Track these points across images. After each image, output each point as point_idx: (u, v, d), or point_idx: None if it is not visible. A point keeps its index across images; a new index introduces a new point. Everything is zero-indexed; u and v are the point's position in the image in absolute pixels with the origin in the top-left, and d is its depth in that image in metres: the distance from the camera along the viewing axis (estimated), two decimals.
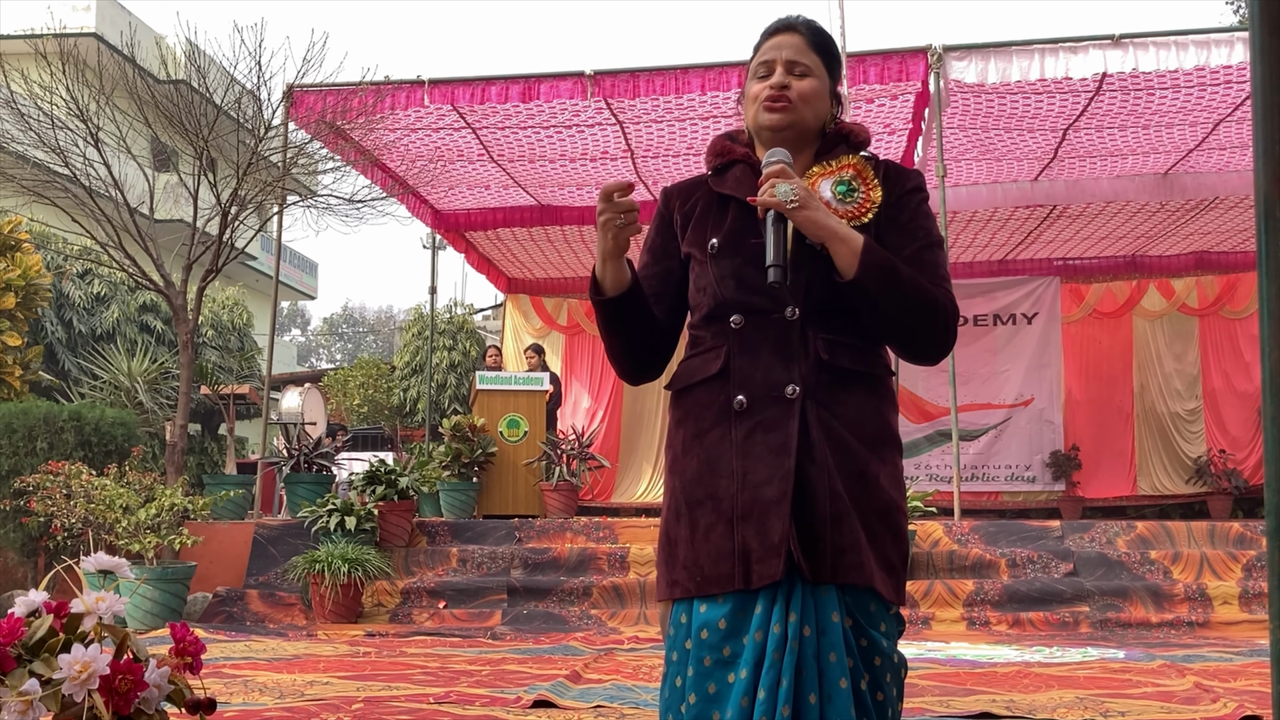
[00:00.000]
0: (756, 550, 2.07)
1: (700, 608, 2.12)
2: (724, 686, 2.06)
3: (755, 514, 2.09)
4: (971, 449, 14.54)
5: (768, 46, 2.32)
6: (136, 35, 11.09)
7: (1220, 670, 6.02)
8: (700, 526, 2.14)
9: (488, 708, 4.77)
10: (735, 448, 2.14)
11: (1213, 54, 9.62)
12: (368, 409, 19.19)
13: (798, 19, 2.34)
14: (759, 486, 2.10)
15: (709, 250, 2.25)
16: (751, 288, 2.17)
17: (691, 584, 2.14)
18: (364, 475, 10.17)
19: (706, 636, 2.09)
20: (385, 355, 36.81)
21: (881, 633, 2.10)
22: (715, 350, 2.21)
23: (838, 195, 2.21)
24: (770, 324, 2.17)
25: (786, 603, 2.05)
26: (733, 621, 2.08)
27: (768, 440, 2.12)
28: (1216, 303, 14.88)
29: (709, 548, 2.12)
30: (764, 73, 2.30)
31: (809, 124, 2.28)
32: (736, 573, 2.08)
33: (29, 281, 11.15)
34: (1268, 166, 1.03)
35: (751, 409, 2.14)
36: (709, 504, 2.15)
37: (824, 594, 2.06)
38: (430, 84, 10.76)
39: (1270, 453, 1.02)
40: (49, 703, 1.82)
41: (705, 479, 2.16)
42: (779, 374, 2.14)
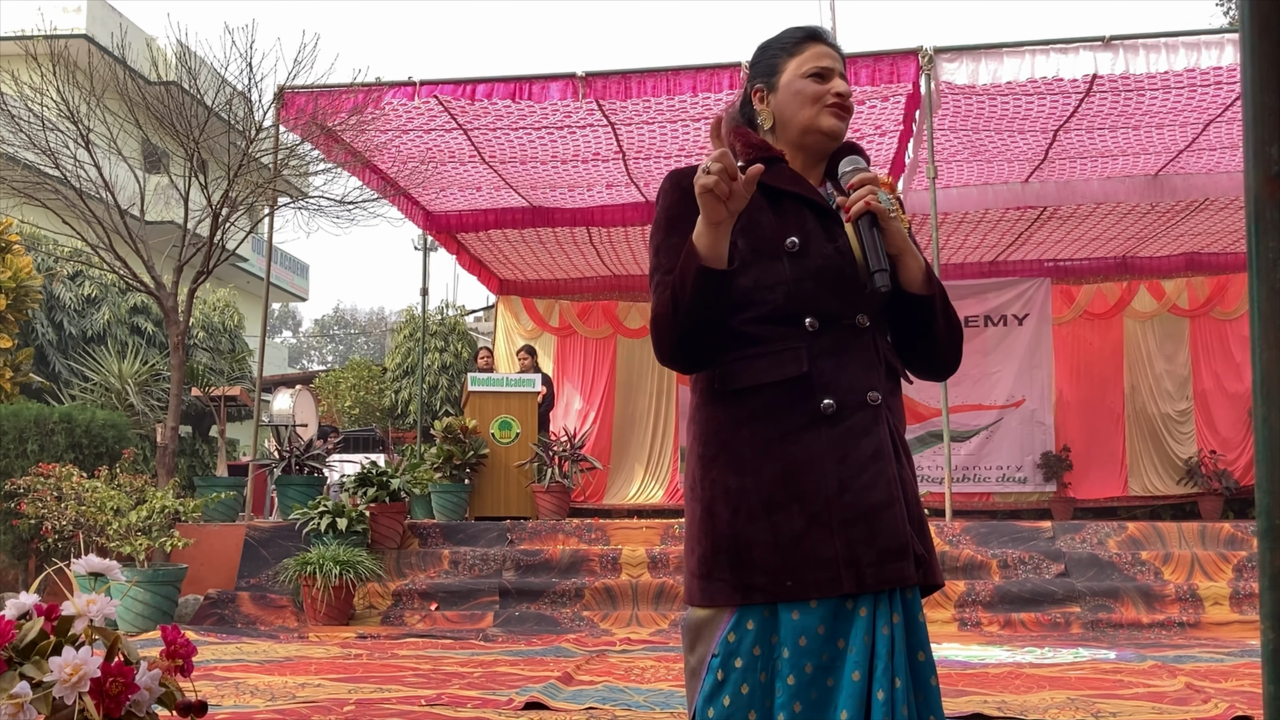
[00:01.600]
0: (867, 555, 2.05)
1: (792, 614, 2.07)
2: (824, 692, 2.04)
3: (861, 519, 2.07)
4: (963, 450, 14.56)
5: (819, 52, 2.30)
6: (127, 36, 11.05)
7: (1211, 671, 6.04)
8: (784, 530, 2.09)
9: (480, 710, 4.76)
10: (828, 453, 2.11)
11: (1203, 55, 9.65)
12: (359, 411, 19.16)
13: (830, 35, 2.36)
14: (862, 491, 2.08)
15: (787, 247, 2.18)
16: (832, 290, 2.16)
17: (779, 589, 2.08)
18: (355, 477, 10.17)
19: (805, 643, 2.05)
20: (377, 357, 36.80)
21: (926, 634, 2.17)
22: (791, 351, 2.15)
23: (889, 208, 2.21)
24: (846, 330, 2.17)
25: (890, 605, 2.06)
26: (830, 626, 2.06)
27: (862, 445, 2.11)
28: (1207, 304, 14.92)
29: (802, 552, 2.08)
30: (820, 75, 2.28)
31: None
32: (844, 577, 2.04)
33: (19, 283, 11.12)
34: (1258, 167, 1.03)
35: (842, 414, 2.13)
36: (794, 507, 2.10)
37: (910, 595, 2.10)
38: (421, 85, 10.75)
39: (1261, 454, 1.03)
40: (40, 705, 1.81)
41: (789, 482, 2.11)
42: (862, 380, 2.15)
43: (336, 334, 61.67)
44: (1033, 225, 13.87)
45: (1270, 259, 1.02)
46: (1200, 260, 14.98)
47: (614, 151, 12.01)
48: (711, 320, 2.11)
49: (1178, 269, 15.13)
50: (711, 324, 2.12)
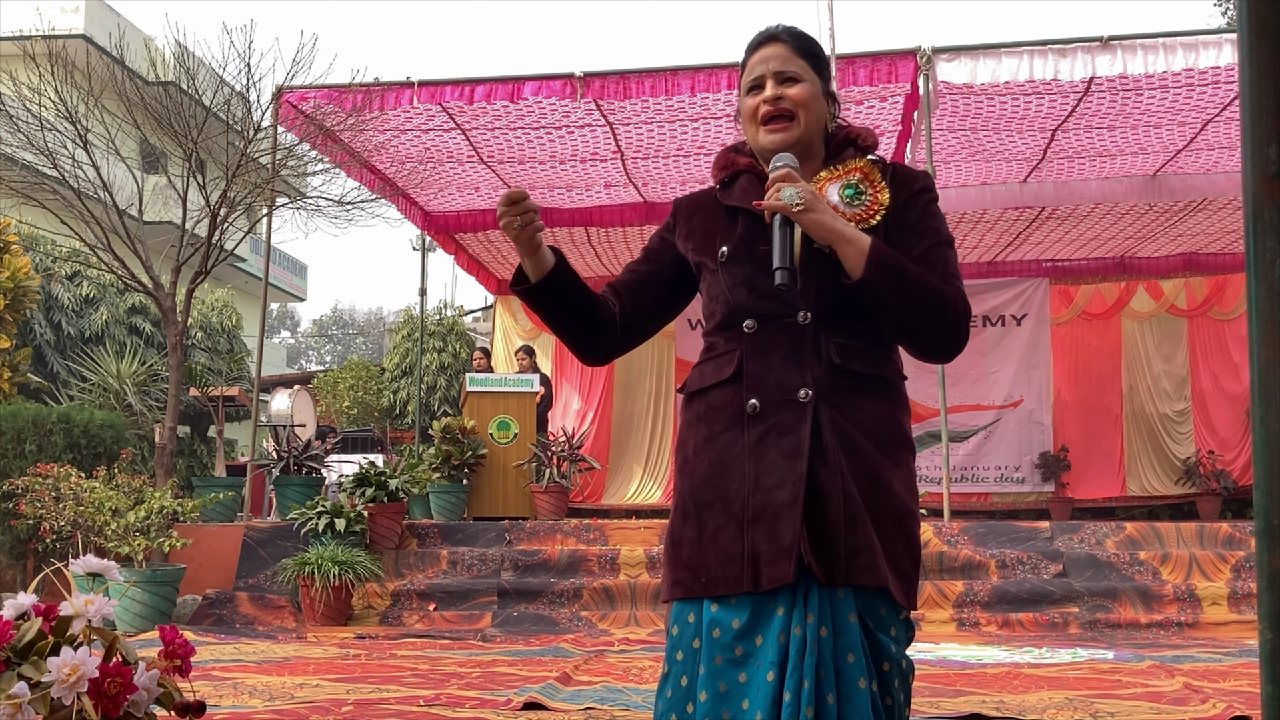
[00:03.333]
0: (766, 553, 2.08)
1: (711, 607, 2.13)
2: (735, 686, 2.07)
3: (766, 517, 2.10)
4: (961, 450, 14.56)
5: (754, 62, 2.33)
6: (125, 37, 11.05)
7: (1209, 671, 6.04)
8: (708, 528, 2.16)
9: (478, 710, 4.76)
10: (747, 451, 2.15)
11: (1201, 55, 9.65)
12: (357, 411, 19.16)
13: (779, 29, 2.35)
14: (771, 490, 2.11)
15: (719, 258, 2.26)
16: (763, 293, 2.18)
17: (696, 584, 2.15)
18: (354, 477, 10.16)
19: (719, 636, 2.10)
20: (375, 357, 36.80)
21: (891, 637, 2.11)
22: (729, 355, 2.23)
23: (845, 199, 2.22)
24: (783, 329, 2.18)
25: (805, 605, 2.06)
26: (747, 623, 2.09)
27: (780, 444, 2.13)
28: (1205, 304, 14.93)
29: (716, 549, 2.13)
30: (756, 86, 2.30)
31: (812, 133, 2.30)
32: (745, 575, 2.09)
33: (17, 284, 11.11)
34: (1256, 168, 1.03)
35: (764, 413, 2.15)
36: (718, 506, 2.16)
37: (839, 596, 2.08)
38: (419, 85, 10.75)
39: (1259, 454, 1.03)
40: (38, 706, 1.81)
41: (715, 481, 2.18)
42: (792, 378, 2.15)
43: (335, 334, 61.66)
44: (1031, 225, 13.88)
45: (1268, 259, 1.02)
46: (1198, 260, 14.98)
47: (612, 151, 12.01)
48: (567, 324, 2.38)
49: (1176, 269, 15.13)
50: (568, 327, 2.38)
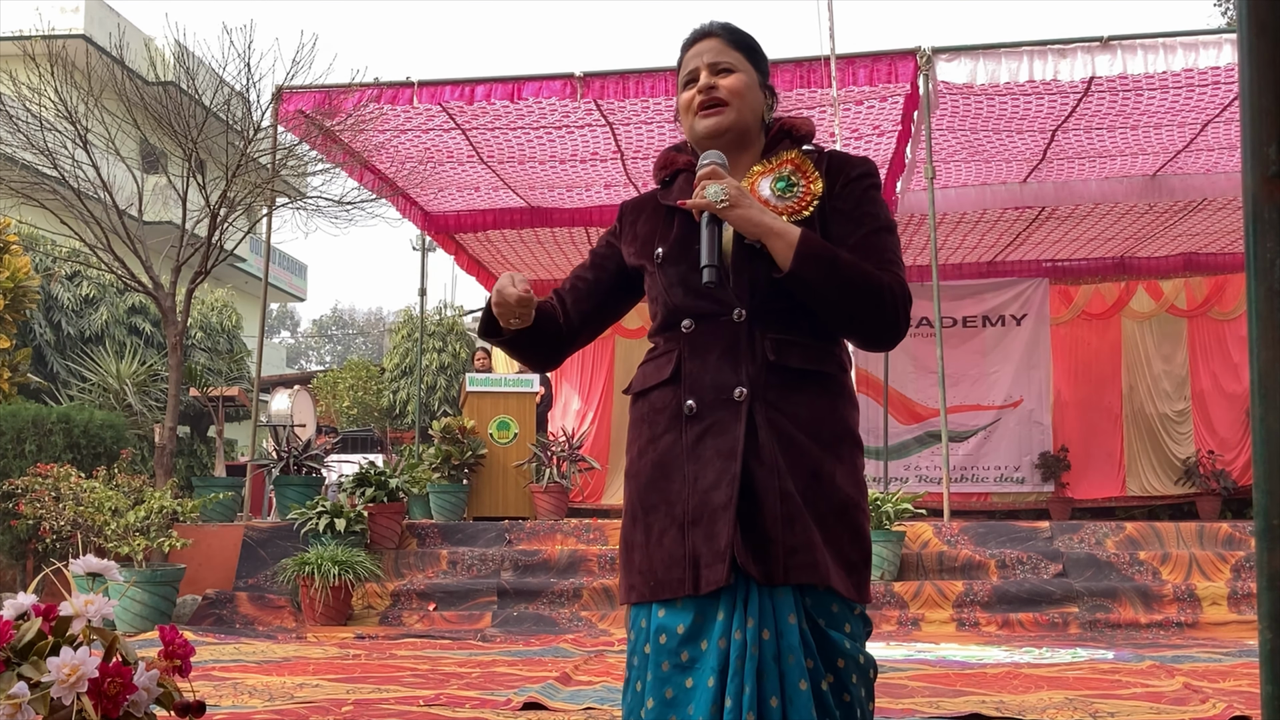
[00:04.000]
0: (705, 555, 2.07)
1: (659, 612, 2.13)
2: (682, 692, 2.06)
3: (704, 519, 2.09)
4: (961, 450, 14.57)
5: (688, 57, 2.34)
6: (125, 37, 11.04)
7: (1209, 671, 6.04)
8: (654, 531, 2.15)
9: (478, 710, 4.76)
10: (686, 452, 2.15)
11: (1200, 56, 9.65)
12: (357, 411, 19.17)
13: (712, 24, 2.36)
14: (708, 491, 2.10)
15: (655, 259, 2.27)
16: (699, 292, 2.18)
17: (646, 589, 2.15)
18: (354, 477, 10.16)
19: (665, 641, 2.10)
20: (375, 357, 36.79)
21: (845, 633, 2.09)
22: (668, 355, 2.23)
23: (777, 192, 2.21)
24: (719, 327, 2.17)
25: (745, 608, 2.05)
26: (692, 627, 2.08)
27: (717, 444, 2.12)
28: (1205, 304, 14.93)
29: (662, 553, 2.13)
30: (690, 80, 2.31)
31: (747, 121, 2.29)
32: (687, 577, 2.08)
33: (17, 284, 11.11)
34: (1256, 168, 1.03)
35: (701, 413, 2.15)
36: (662, 509, 2.16)
37: (780, 596, 2.05)
38: (419, 85, 10.75)
39: (1259, 454, 1.03)
40: (37, 706, 1.81)
41: (659, 484, 2.17)
42: (727, 377, 2.14)
43: (334, 334, 61.67)
44: (1031, 225, 13.88)
45: (1268, 259, 1.02)
46: (1198, 261, 14.98)
47: (612, 151, 12.01)
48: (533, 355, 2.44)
49: (1176, 269, 15.13)
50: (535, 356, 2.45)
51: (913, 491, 10.67)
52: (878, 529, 8.98)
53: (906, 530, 9.42)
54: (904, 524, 9.34)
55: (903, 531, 9.29)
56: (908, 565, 9.29)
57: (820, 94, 10.50)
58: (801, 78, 10.21)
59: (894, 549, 9.07)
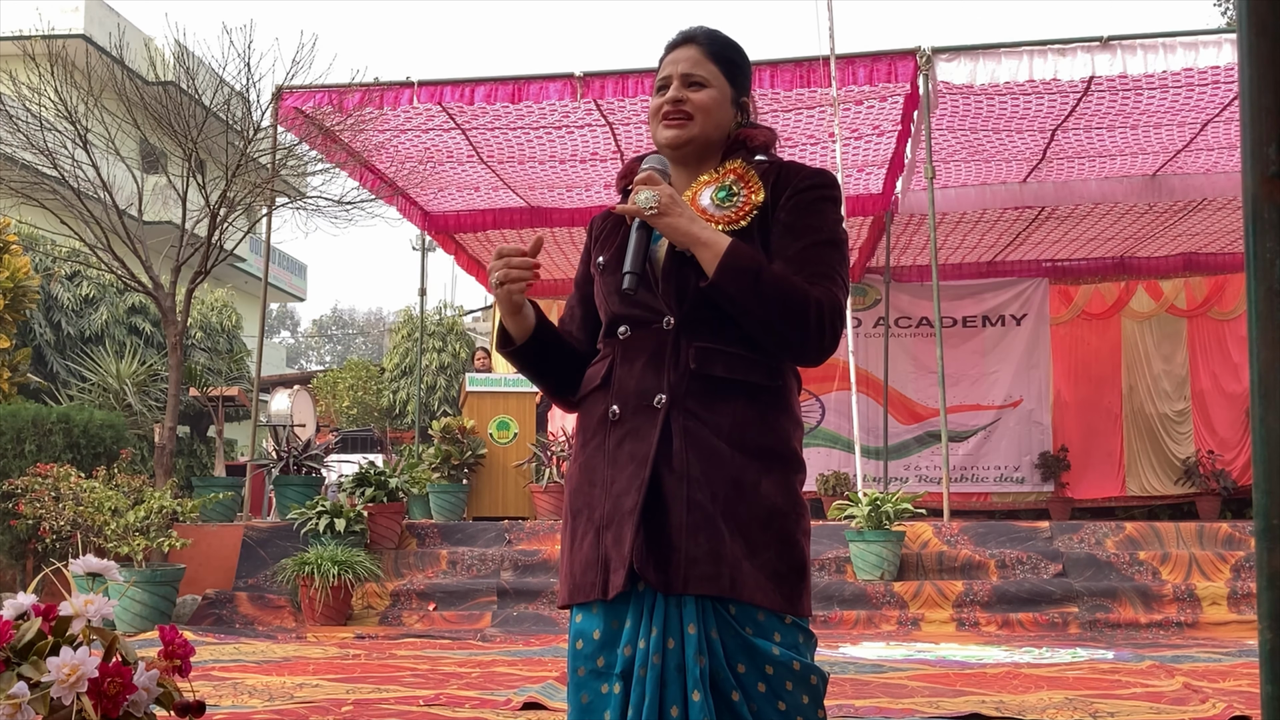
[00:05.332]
0: (614, 560, 2.07)
1: (577, 617, 2.14)
2: (597, 697, 2.07)
3: (615, 523, 2.09)
4: (960, 450, 14.57)
5: (666, 62, 2.32)
6: (125, 37, 11.04)
7: (1209, 671, 6.04)
8: (577, 535, 2.17)
9: (478, 710, 4.76)
10: (607, 457, 2.15)
11: (1200, 55, 9.65)
12: (357, 411, 19.17)
13: (698, 31, 2.33)
14: (620, 496, 2.10)
15: (597, 267, 2.30)
16: (633, 300, 2.18)
17: (565, 592, 2.17)
18: (353, 477, 10.16)
19: (581, 647, 2.11)
20: (374, 357, 36.78)
21: (774, 641, 2.06)
22: (604, 361, 2.24)
23: (716, 201, 2.20)
24: (649, 334, 2.17)
25: (651, 615, 2.05)
26: (605, 633, 2.09)
27: (632, 449, 2.12)
28: (1205, 304, 14.93)
29: (580, 557, 2.14)
30: (662, 87, 2.30)
31: (710, 136, 2.27)
32: (598, 581, 2.08)
33: (17, 284, 11.11)
34: (1255, 167, 1.03)
35: (623, 418, 2.15)
36: (585, 513, 2.16)
37: (684, 605, 2.04)
38: (419, 85, 10.75)
39: (1259, 454, 1.03)
40: (37, 706, 1.81)
41: (584, 488, 2.19)
42: (650, 383, 2.14)
43: (334, 334, 61.67)
44: (1030, 225, 13.88)
45: (1268, 259, 1.02)
46: (1198, 260, 14.98)
47: (612, 151, 12.02)
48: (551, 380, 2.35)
49: (1175, 269, 15.14)
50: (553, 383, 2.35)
51: (913, 491, 10.67)
52: (877, 529, 8.98)
53: (906, 530, 9.42)
54: (904, 524, 9.34)
55: (903, 531, 9.29)
56: (908, 565, 9.29)
57: (820, 94, 10.50)
58: (801, 78, 10.21)
59: (894, 549, 9.06)
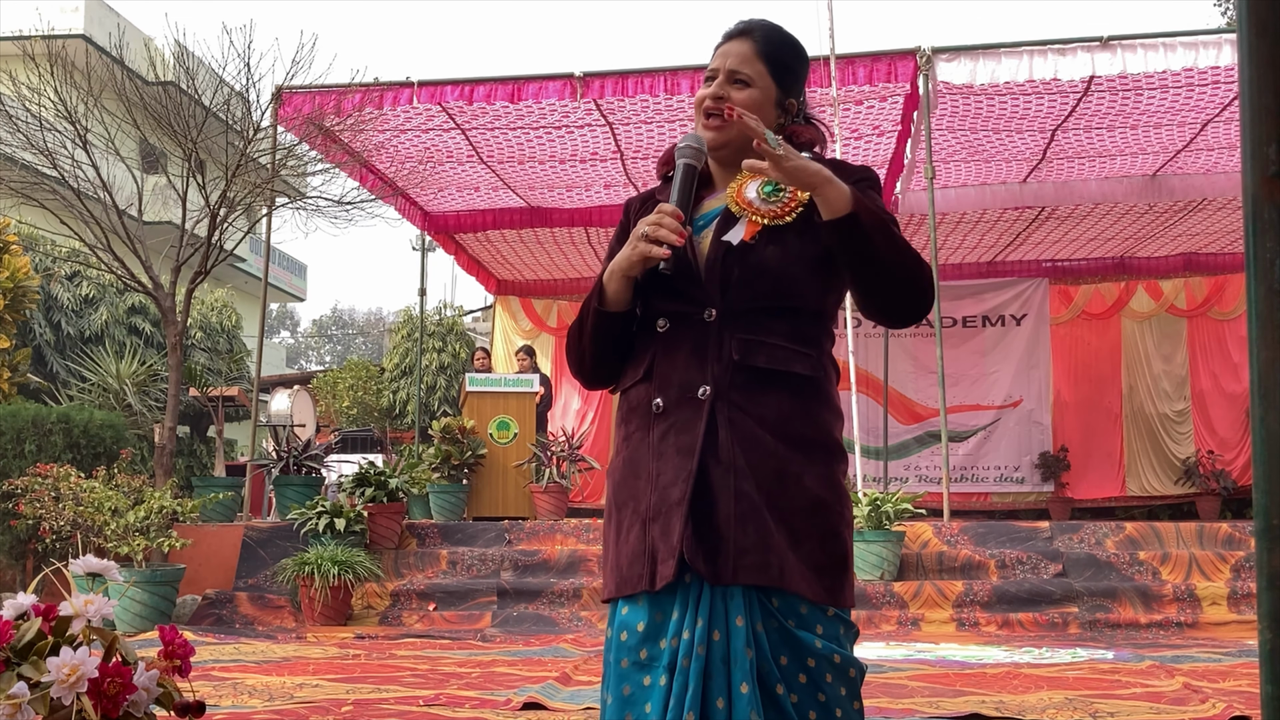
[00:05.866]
0: (661, 551, 2.07)
1: (622, 609, 2.13)
2: (640, 689, 2.07)
3: (662, 515, 2.09)
4: (960, 450, 14.57)
5: (718, 53, 2.33)
6: (125, 37, 11.04)
7: (1209, 671, 6.04)
8: (623, 528, 2.17)
9: (478, 710, 4.76)
10: (652, 449, 2.15)
11: (1200, 55, 9.65)
12: (357, 411, 19.16)
13: (755, 24, 2.33)
14: (666, 488, 2.10)
15: None
16: (674, 292, 2.18)
17: (612, 584, 2.16)
18: (353, 477, 10.16)
19: (626, 638, 2.10)
20: (374, 357, 36.76)
21: (817, 634, 2.07)
22: (645, 354, 2.23)
23: (763, 195, 2.20)
24: (690, 326, 2.17)
25: (697, 606, 2.05)
26: (650, 625, 2.08)
27: (678, 442, 2.12)
28: (1205, 304, 14.93)
29: (627, 549, 2.14)
30: (710, 77, 2.31)
31: (748, 137, 2.24)
32: (645, 573, 2.08)
33: (17, 284, 11.11)
34: (1255, 167, 1.03)
35: (667, 411, 2.15)
36: (630, 505, 2.16)
37: (730, 596, 2.05)
38: (419, 85, 10.75)
39: (1259, 454, 1.03)
40: (37, 706, 1.81)
41: (628, 481, 2.18)
42: (693, 376, 2.14)
43: (334, 334, 61.66)
44: (1030, 225, 13.88)
45: (1268, 259, 1.02)
46: (1198, 260, 14.99)
47: (611, 151, 12.02)
48: (603, 353, 2.27)
49: (1175, 269, 15.14)
50: (604, 356, 2.28)
51: (913, 491, 10.67)
52: (877, 529, 8.98)
53: (906, 530, 9.42)
54: (904, 524, 9.34)
55: (902, 531, 9.29)
56: (908, 565, 9.29)
57: (820, 94, 10.49)
58: None
59: (894, 549, 9.06)
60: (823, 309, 2.22)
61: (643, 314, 2.24)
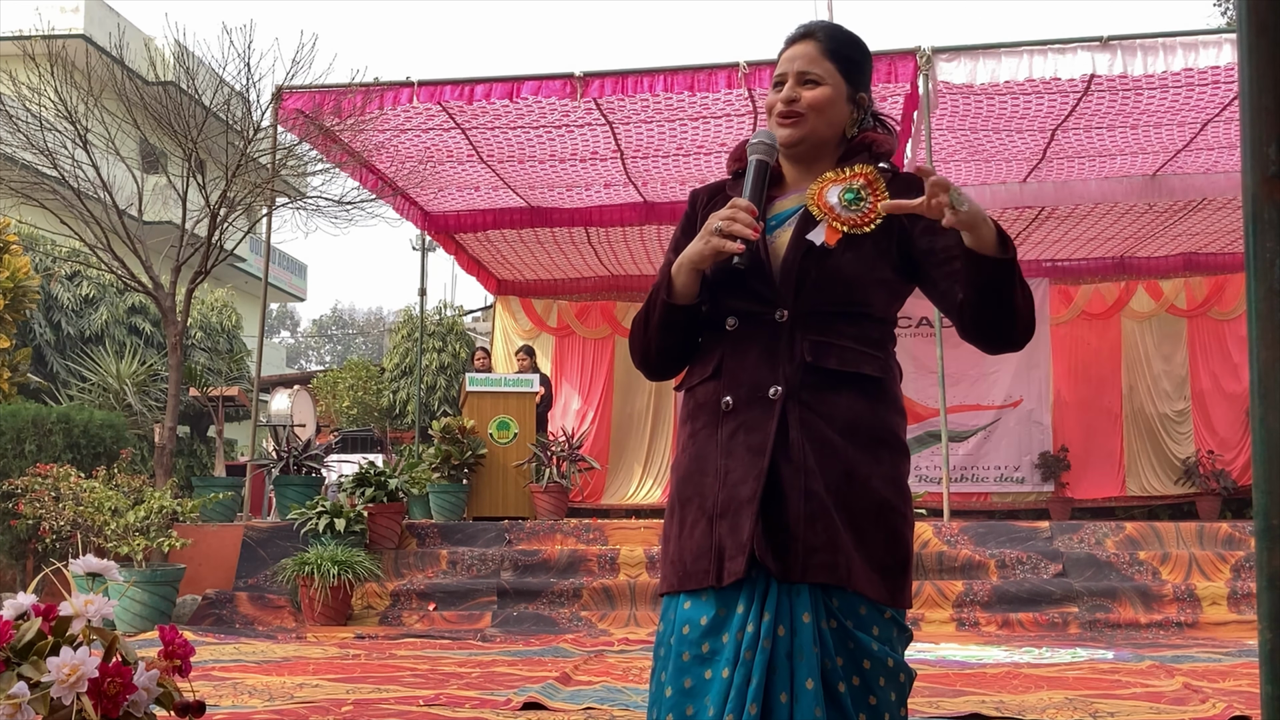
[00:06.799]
0: (729, 547, 2.09)
1: (684, 604, 2.14)
2: (701, 682, 2.08)
3: (730, 512, 2.11)
4: (961, 450, 14.56)
5: (784, 58, 2.33)
6: (125, 37, 11.03)
7: (1209, 671, 6.04)
8: (687, 524, 2.18)
9: (478, 710, 4.76)
10: (720, 447, 2.17)
11: (1200, 55, 9.65)
12: (357, 411, 19.15)
13: (816, 26, 2.35)
14: (736, 485, 2.12)
15: None
16: (745, 291, 2.19)
17: (675, 579, 2.17)
18: (353, 477, 10.16)
19: (688, 632, 2.11)
20: (374, 357, 36.76)
21: (873, 636, 2.09)
22: (713, 352, 2.24)
23: (844, 202, 2.20)
24: (761, 326, 2.18)
25: (763, 602, 2.07)
26: (714, 619, 2.10)
27: (748, 440, 2.14)
28: (1205, 304, 14.93)
29: (691, 544, 2.15)
30: (777, 84, 2.32)
31: (823, 135, 2.28)
32: (712, 569, 2.10)
33: (17, 284, 11.11)
34: (1255, 167, 1.03)
35: (737, 409, 2.16)
36: (695, 501, 2.18)
37: (797, 594, 2.07)
38: (419, 85, 10.75)
39: (1259, 454, 1.03)
40: (37, 706, 1.81)
41: (694, 477, 2.20)
42: (765, 375, 2.15)
43: (334, 334, 61.67)
44: (1030, 225, 13.88)
45: (1268, 259, 1.02)
46: (1198, 260, 14.99)
47: (612, 150, 12.01)
48: (669, 346, 2.28)
49: (1175, 269, 15.14)
50: (669, 349, 2.29)
51: (913, 491, 10.65)
52: None
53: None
54: None
55: None
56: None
57: None
58: None
59: None
60: (888, 316, 2.25)
61: (711, 311, 2.25)
